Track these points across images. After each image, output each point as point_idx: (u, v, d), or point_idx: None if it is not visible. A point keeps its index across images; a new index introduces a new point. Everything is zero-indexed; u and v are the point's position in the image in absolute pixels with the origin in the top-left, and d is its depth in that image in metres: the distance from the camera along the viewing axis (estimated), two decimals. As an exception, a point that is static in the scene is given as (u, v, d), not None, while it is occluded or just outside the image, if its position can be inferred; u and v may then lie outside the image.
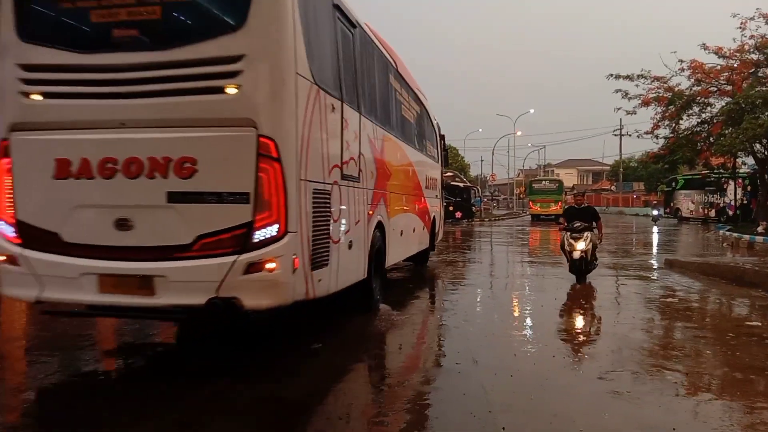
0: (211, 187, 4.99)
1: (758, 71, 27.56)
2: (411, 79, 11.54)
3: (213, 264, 4.93)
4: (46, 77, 5.34)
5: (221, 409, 4.56)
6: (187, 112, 5.08)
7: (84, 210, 5.26)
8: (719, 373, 5.69)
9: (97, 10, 5.20)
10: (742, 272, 11.88)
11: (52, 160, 5.25)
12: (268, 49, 5.03)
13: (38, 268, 5.29)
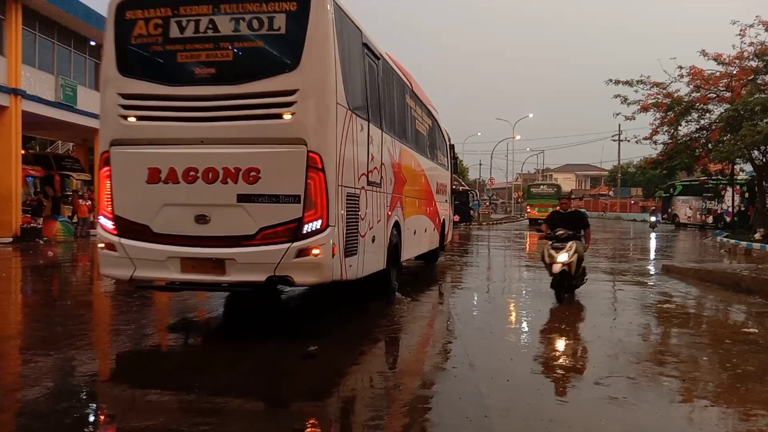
0: (271, 190, 6.40)
1: (757, 78, 27.60)
2: (424, 97, 13.07)
3: (272, 250, 6.34)
4: (140, 104, 6.75)
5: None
6: (253, 133, 6.49)
7: (170, 208, 6.63)
8: (715, 379, 5.69)
9: (182, 52, 6.66)
10: (739, 279, 11.89)
11: (145, 169, 6.63)
12: (316, 85, 6.45)
13: (132, 253, 6.70)
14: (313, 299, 9.60)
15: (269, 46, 6.70)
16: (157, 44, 6.78)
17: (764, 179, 28.27)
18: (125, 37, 6.87)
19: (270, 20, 6.54)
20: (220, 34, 6.61)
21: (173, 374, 5.65)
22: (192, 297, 9.47)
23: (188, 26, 6.64)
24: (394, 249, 9.40)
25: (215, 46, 6.63)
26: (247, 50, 6.67)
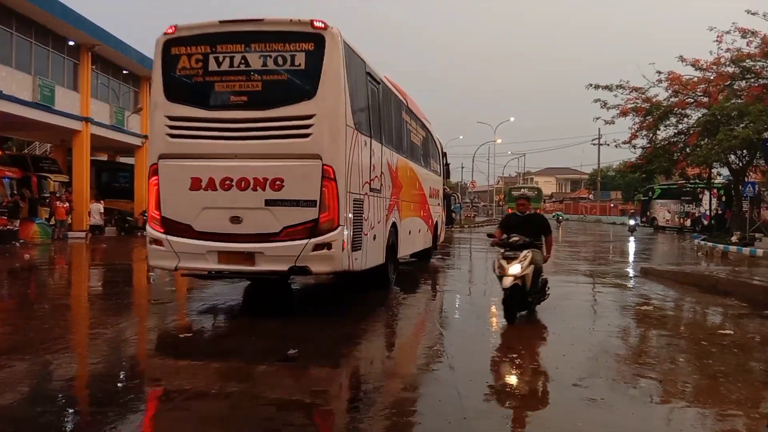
0: (293, 196, 7.70)
1: (734, 84, 28.03)
2: (418, 111, 14.41)
3: (293, 245, 7.63)
4: (183, 125, 8.05)
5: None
6: (278, 149, 7.81)
7: (209, 210, 7.89)
8: (692, 380, 5.74)
9: (219, 82, 8.09)
10: (715, 281, 12.04)
11: (188, 178, 7.90)
12: (330, 111, 7.78)
13: (177, 247, 7.99)
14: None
15: (291, 78, 8.00)
16: (198, 75, 8.12)
17: (741, 183, 28.67)
18: (171, 69, 8.21)
19: (292, 57, 7.90)
20: (251, 68, 7.97)
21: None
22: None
23: (224, 61, 8.00)
24: (392, 246, 10.66)
25: (246, 78, 7.99)
26: (273, 82, 7.99)
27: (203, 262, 8.05)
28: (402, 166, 11.83)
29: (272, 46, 7.92)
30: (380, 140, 9.89)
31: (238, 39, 8.04)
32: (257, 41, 7.96)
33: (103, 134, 27.53)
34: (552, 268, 17.07)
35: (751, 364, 6.43)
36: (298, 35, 7.94)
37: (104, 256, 18.82)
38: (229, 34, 8.14)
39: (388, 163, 10.57)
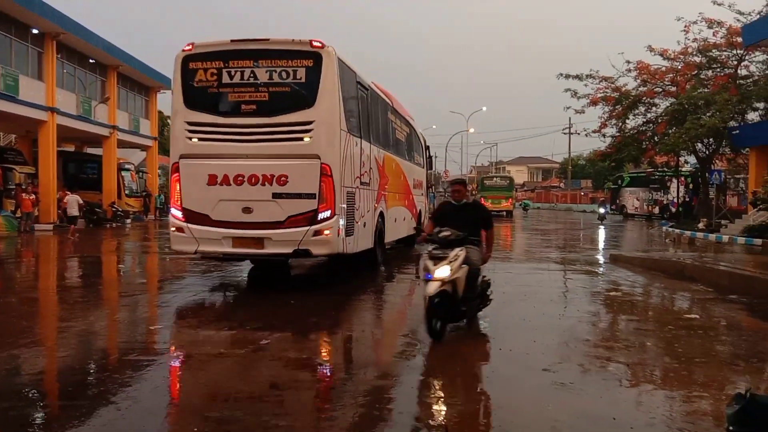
0: (296, 190, 8.95)
1: (701, 74, 28.53)
2: (402, 110, 15.70)
3: (296, 231, 8.85)
4: (201, 129, 9.29)
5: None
6: (283, 150, 9.04)
7: (224, 202, 9.12)
8: (660, 364, 5.86)
9: (231, 93, 9.26)
10: (682, 267, 12.27)
11: (206, 175, 9.14)
12: (327, 118, 9.02)
13: (196, 234, 9.22)
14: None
15: (294, 90, 9.17)
16: (213, 87, 9.29)
17: (707, 171, 29.22)
18: (189, 81, 9.38)
19: (294, 72, 9.12)
20: (259, 81, 9.17)
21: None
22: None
23: (235, 75, 9.21)
24: (380, 233, 12.02)
25: (255, 90, 9.19)
26: (278, 93, 9.18)
27: (219, 246, 9.34)
28: (388, 161, 13.10)
29: (277, 62, 9.18)
30: (369, 139, 11.24)
31: (247, 56, 9.27)
32: (264, 58, 9.24)
33: (70, 124, 26.99)
34: (523, 255, 17.29)
35: (717, 348, 6.58)
36: (299, 53, 9.18)
37: (73, 249, 18.49)
38: (239, 51, 9.34)
39: (376, 159, 11.89)
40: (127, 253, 17.79)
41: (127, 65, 31.28)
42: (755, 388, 4.94)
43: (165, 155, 42.41)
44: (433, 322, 6.10)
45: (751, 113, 28.31)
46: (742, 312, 8.78)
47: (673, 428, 4.07)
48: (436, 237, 6.61)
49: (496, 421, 4.26)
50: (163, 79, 35.86)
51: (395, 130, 14.37)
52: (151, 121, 36.25)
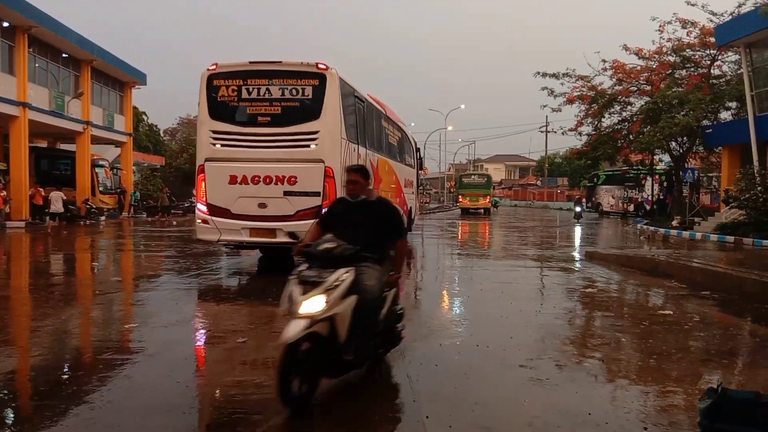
0: (304, 188, 10.37)
1: (675, 73, 28.90)
2: (395, 117, 17.60)
3: (304, 223, 9.40)
4: (223, 137, 10.73)
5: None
6: (293, 155, 10.47)
7: (243, 198, 10.57)
8: (634, 359, 5.93)
9: (249, 106, 10.73)
10: (656, 264, 12.43)
11: (227, 175, 10.58)
12: (329, 129, 10.50)
13: (219, 225, 10.70)
14: None
15: (302, 105, 10.69)
16: (234, 101, 10.80)
17: (681, 169, 29.63)
18: (213, 95, 10.80)
19: (303, 89, 10.64)
20: (273, 97, 10.68)
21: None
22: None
23: (253, 91, 10.72)
24: None
25: (269, 104, 10.69)
26: (289, 107, 10.67)
27: (238, 236, 10.86)
28: (381, 163, 14.82)
29: (288, 81, 10.66)
30: (365, 145, 12.88)
31: (263, 75, 10.76)
32: (277, 77, 10.72)
33: (42, 120, 26.53)
34: (501, 253, 17.41)
35: (690, 343, 6.67)
36: (307, 74, 10.66)
37: (46, 247, 18.19)
38: (256, 71, 10.83)
39: (371, 161, 13.32)
40: (101, 251, 17.53)
41: (102, 60, 30.82)
42: (727, 383, 5.02)
43: (140, 151, 41.93)
44: (290, 383, 4.10)
45: (724, 112, 28.78)
46: (714, 308, 8.93)
47: (647, 423, 4.12)
48: (313, 250, 4.55)
49: (473, 416, 4.27)
50: (138, 74, 35.41)
51: (388, 136, 16.21)
52: (125, 117, 35.72)
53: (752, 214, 20.07)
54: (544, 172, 73.80)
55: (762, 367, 5.84)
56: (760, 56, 23.00)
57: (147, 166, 42.88)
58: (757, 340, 7.12)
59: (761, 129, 22.05)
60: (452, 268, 13.83)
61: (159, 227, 26.00)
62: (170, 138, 64.56)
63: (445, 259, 16.10)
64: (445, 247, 19.53)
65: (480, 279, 11.15)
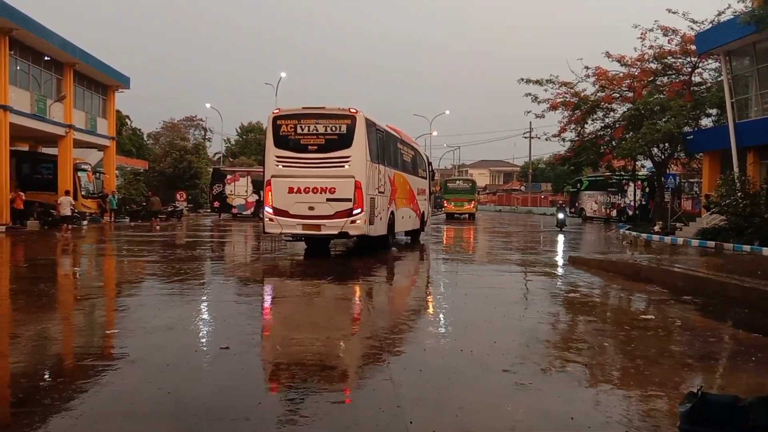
0: (340, 196, 14.18)
1: (656, 80, 29.24)
2: (408, 140, 21.36)
3: (340, 221, 14.16)
4: (284, 160, 14.60)
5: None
6: (333, 173, 14.30)
7: (297, 203, 14.34)
8: (617, 364, 5.97)
9: (302, 138, 14.54)
10: (638, 269, 12.55)
11: (287, 187, 14.41)
12: (358, 155, 14.30)
13: (281, 222, 14.48)
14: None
15: (339, 137, 14.56)
16: (291, 135, 14.74)
17: (663, 175, 29.94)
18: (277, 131, 14.82)
19: (339, 127, 14.56)
20: (318, 132, 14.63)
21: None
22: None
23: (305, 128, 14.65)
24: (391, 225, 17.30)
25: (316, 137, 14.63)
26: (329, 139, 14.57)
27: (294, 230, 14.86)
28: (397, 176, 18.22)
29: (329, 121, 14.68)
30: (384, 164, 16.57)
31: (311, 117, 14.74)
32: (321, 118, 14.72)
33: (24, 123, 26.20)
34: (485, 258, 17.46)
35: (672, 348, 6.73)
36: (342, 116, 14.69)
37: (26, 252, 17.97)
38: (307, 114, 14.82)
39: (389, 176, 17.12)
40: (84, 256, 17.36)
41: (84, 63, 30.54)
42: (708, 387, 5.07)
43: (123, 155, 41.62)
44: None
45: (705, 119, 29.15)
46: (695, 312, 9.02)
47: (629, 427, 4.15)
48: None
49: (457, 421, 4.27)
50: (121, 77, 35.14)
51: (402, 155, 19.61)
52: (108, 121, 35.42)
53: (732, 219, 20.33)
54: (528, 178, 74.22)
55: (743, 371, 5.90)
56: (739, 64, 23.34)
57: (130, 171, 42.56)
58: (738, 345, 7.20)
59: (741, 135, 22.36)
60: (437, 273, 13.86)
61: (143, 232, 25.78)
62: (154, 142, 64.21)
63: (430, 263, 16.13)
64: (430, 252, 19.56)
65: (464, 284, 11.17)
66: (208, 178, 43.19)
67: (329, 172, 14.38)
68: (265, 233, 15.44)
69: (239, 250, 20.28)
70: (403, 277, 13.50)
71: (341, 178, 14.32)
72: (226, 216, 38.32)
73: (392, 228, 17.45)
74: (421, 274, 14.13)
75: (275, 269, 14.02)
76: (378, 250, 16.39)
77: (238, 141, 74.06)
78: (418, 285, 12.02)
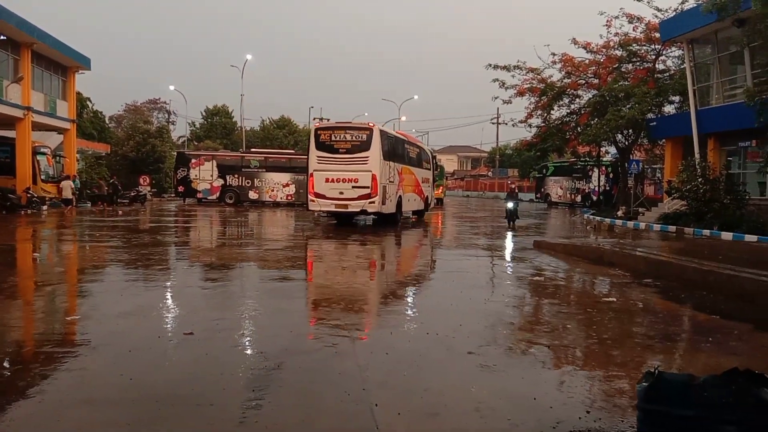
0: (362, 185, 19.69)
1: (621, 67, 29.59)
2: (413, 140, 28.04)
3: (362, 202, 19.74)
4: (322, 158, 20.10)
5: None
6: (356, 168, 19.79)
7: (331, 189, 19.91)
8: (580, 345, 6.07)
9: (335, 144, 20.06)
10: (601, 253, 12.76)
11: (324, 178, 20.00)
12: (375, 155, 19.75)
13: (320, 203, 20.22)
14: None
15: (361, 143, 19.63)
16: (328, 141, 19.94)
17: (626, 161, 30.41)
18: (317, 138, 20.04)
19: (361, 135, 19.73)
20: (346, 139, 19.87)
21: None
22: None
23: (336, 136, 19.97)
24: (399, 205, 22.09)
25: (345, 142, 19.82)
26: (354, 144, 19.71)
27: (329, 208, 20.13)
28: (404, 169, 22.99)
29: (354, 131, 19.90)
30: (394, 161, 21.57)
31: (342, 128, 20.17)
32: (349, 129, 20.04)
33: (-21, 105, 25.38)
34: (452, 242, 17.58)
35: (634, 329, 6.88)
36: (363, 128, 19.94)
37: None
38: (338, 126, 20.42)
39: (397, 169, 22.02)
40: (43, 241, 16.97)
41: (42, 43, 29.62)
42: (668, 367, 5.19)
43: (84, 138, 40.65)
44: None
45: (668, 106, 29.65)
46: (656, 295, 9.22)
47: (591, 407, 4.23)
48: None
49: (422, 403, 4.31)
50: (82, 58, 34.21)
51: (408, 152, 24.55)
52: (69, 103, 34.46)
53: (693, 204, 20.81)
54: (495, 163, 74.74)
55: (702, 351, 6.06)
56: (701, 52, 23.77)
57: (92, 154, 41.60)
58: (697, 326, 7.39)
59: (702, 122, 22.83)
60: (403, 258, 13.90)
61: (102, 217, 25.29)
62: (116, 125, 62.91)
63: (396, 249, 16.17)
64: (396, 238, 19.61)
65: (431, 268, 11.22)
66: (173, 162, 42.39)
67: (354, 167, 19.66)
68: (309, 210, 21.52)
69: (204, 235, 20.07)
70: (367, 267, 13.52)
71: (362, 172, 19.54)
72: (191, 201, 37.78)
73: (400, 208, 22.45)
74: (381, 264, 14.14)
75: (244, 255, 13.86)
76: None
77: (203, 124, 73.01)
78: (381, 271, 12.02)
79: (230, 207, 34.30)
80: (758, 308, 8.14)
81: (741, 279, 9.09)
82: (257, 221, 25.37)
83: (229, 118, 72.44)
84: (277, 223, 24.72)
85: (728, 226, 18.41)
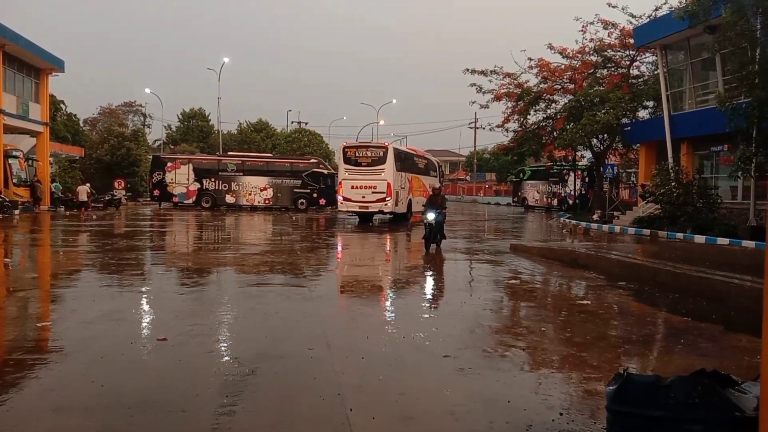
0: (380, 191, 25.42)
1: (596, 72, 29.95)
2: (422, 153, 32.06)
3: (380, 203, 25.46)
4: (348, 170, 26.03)
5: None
6: (375, 178, 25.55)
7: (356, 194, 25.75)
8: (555, 348, 6.12)
9: (358, 158, 25.99)
10: (576, 256, 12.88)
11: (351, 185, 25.91)
12: (389, 168, 25.53)
13: (347, 204, 26.18)
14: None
15: (378, 158, 25.50)
16: (353, 156, 25.93)
17: (602, 165, 30.76)
18: (345, 154, 26.19)
19: (378, 152, 25.72)
20: (367, 155, 25.80)
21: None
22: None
23: (359, 152, 26.01)
24: (409, 207, 26.96)
25: (366, 157, 25.74)
26: (373, 158, 25.58)
27: (354, 208, 25.68)
28: (413, 178, 27.95)
29: (373, 149, 25.99)
30: (405, 171, 26.69)
31: (364, 147, 26.53)
32: (369, 147, 26.32)
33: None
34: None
35: (608, 332, 6.95)
36: (380, 146, 26.11)
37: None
38: (361, 145, 26.88)
39: (407, 178, 26.96)
40: (16, 246, 16.67)
41: (14, 44, 29.13)
42: (641, 369, 5.26)
43: (58, 142, 40.03)
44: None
45: (642, 111, 30.05)
46: (630, 298, 9.33)
47: (564, 409, 4.26)
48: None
49: (397, 407, 4.30)
50: (55, 60, 33.74)
51: (417, 164, 29.55)
52: (42, 105, 33.95)
53: (667, 208, 21.10)
54: (473, 168, 75.13)
55: (674, 353, 6.14)
56: (674, 58, 24.15)
57: (65, 158, 41.00)
58: (669, 328, 7.49)
59: (676, 127, 23.17)
60: (382, 262, 13.90)
61: (78, 222, 24.94)
62: (91, 128, 62.01)
63: (374, 252, 16.17)
64: (375, 241, 19.62)
65: (406, 270, 11.22)
66: (148, 166, 41.90)
67: (373, 177, 24.88)
68: (338, 210, 27.67)
69: (180, 240, 19.86)
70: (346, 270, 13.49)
71: (380, 180, 24.76)
72: (166, 205, 37.38)
73: (410, 209, 27.20)
74: (359, 268, 14.14)
75: (220, 260, 13.76)
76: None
77: (180, 128, 72.29)
78: (359, 275, 12.01)
79: (207, 211, 34.04)
80: (729, 310, 8.28)
81: (713, 281, 9.24)
82: (234, 225, 25.22)
83: (206, 121, 71.79)
84: (255, 227, 24.60)
85: (701, 229, 18.70)
